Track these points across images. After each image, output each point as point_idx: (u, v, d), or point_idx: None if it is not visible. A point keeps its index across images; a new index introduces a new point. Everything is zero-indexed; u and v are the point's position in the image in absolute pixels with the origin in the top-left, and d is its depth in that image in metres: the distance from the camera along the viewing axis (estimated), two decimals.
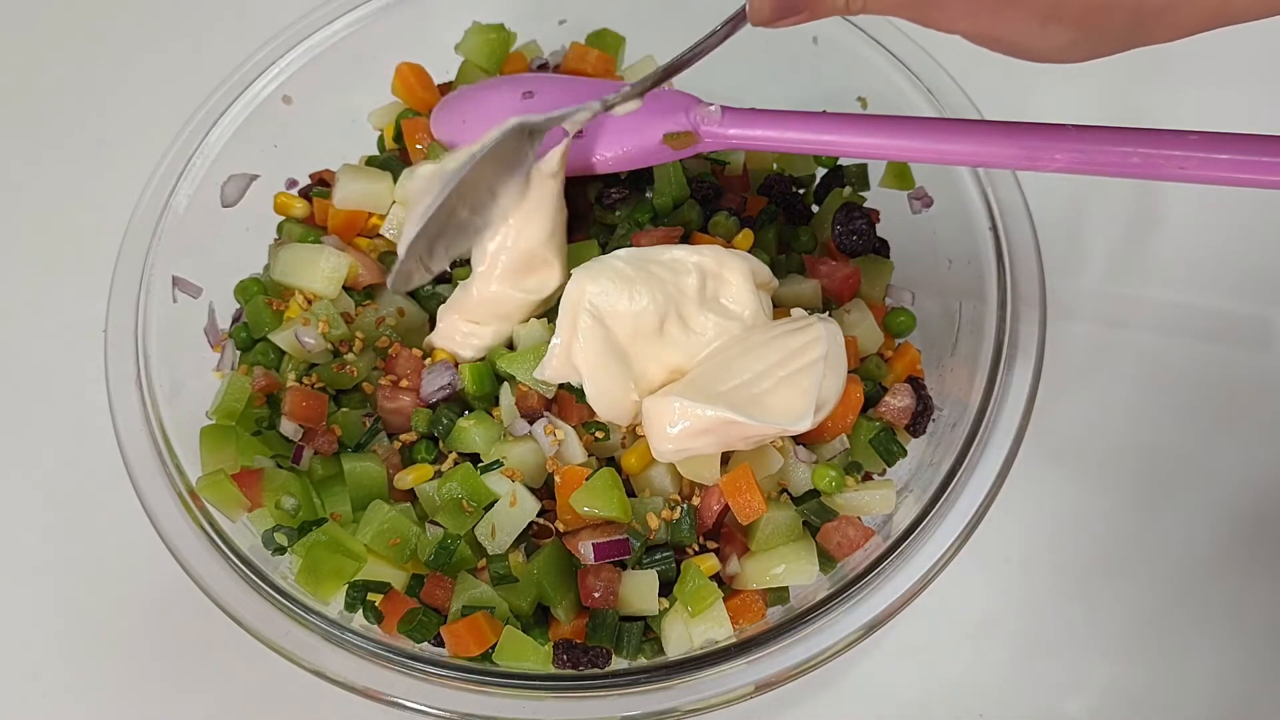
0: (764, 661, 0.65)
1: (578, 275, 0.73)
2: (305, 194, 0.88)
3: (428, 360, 0.78)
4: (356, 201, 0.84)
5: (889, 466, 0.76)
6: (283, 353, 0.78)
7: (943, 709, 0.84)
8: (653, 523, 0.71)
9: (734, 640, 0.68)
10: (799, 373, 0.70)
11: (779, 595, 0.73)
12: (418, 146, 0.84)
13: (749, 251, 0.79)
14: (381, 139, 0.91)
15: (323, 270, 0.79)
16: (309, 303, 0.80)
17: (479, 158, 0.69)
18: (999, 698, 0.84)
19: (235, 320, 0.83)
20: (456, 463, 0.75)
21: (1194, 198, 0.95)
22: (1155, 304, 1.00)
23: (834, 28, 0.87)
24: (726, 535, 0.74)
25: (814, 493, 0.74)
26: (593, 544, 0.70)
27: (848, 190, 0.88)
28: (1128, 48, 0.54)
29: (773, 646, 0.66)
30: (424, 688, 0.65)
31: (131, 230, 0.80)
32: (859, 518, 0.73)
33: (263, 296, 0.80)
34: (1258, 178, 0.61)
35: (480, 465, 0.73)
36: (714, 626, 0.69)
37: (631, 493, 0.74)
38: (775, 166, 0.91)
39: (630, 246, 0.78)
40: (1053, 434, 0.89)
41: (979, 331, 0.76)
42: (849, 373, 0.74)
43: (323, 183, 0.88)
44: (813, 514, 0.73)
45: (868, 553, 0.71)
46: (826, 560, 0.72)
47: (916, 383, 0.80)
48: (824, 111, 0.73)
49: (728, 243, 0.81)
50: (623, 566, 0.71)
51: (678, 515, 0.72)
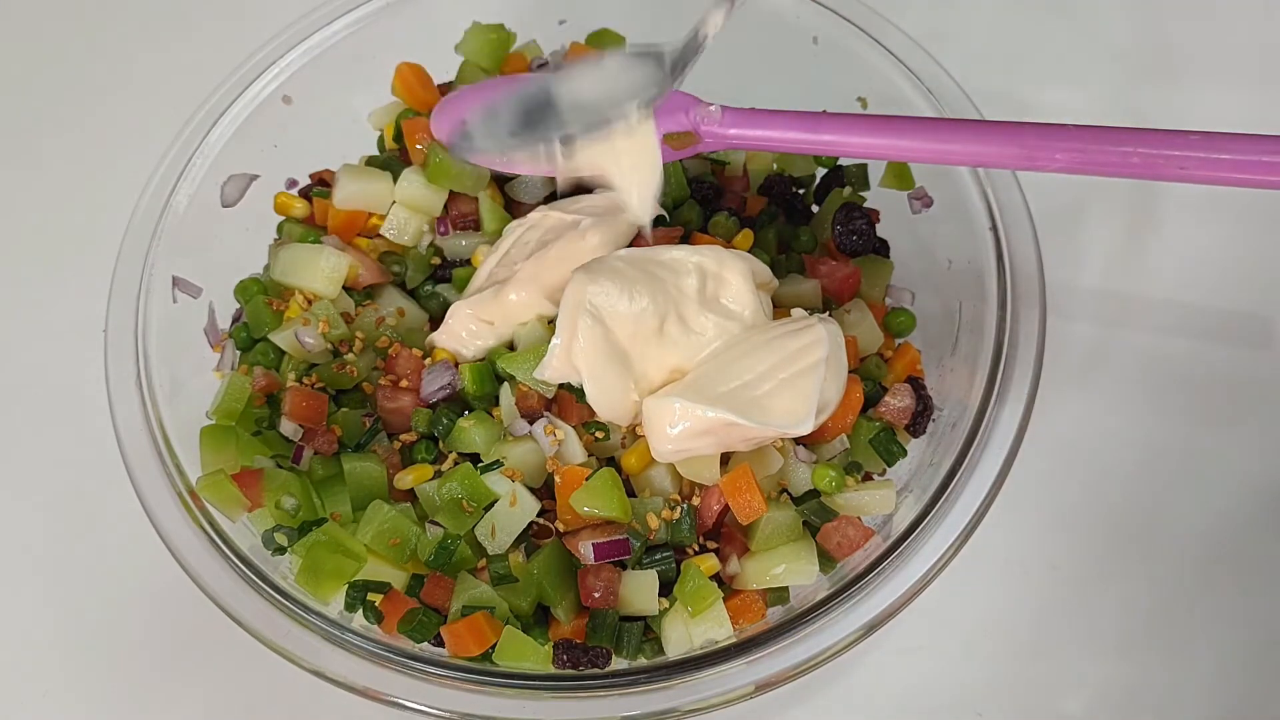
0: (764, 661, 0.65)
1: (578, 276, 0.73)
2: (305, 194, 0.88)
3: (428, 360, 0.78)
4: (356, 201, 0.84)
5: (889, 466, 0.76)
6: (283, 353, 0.78)
7: (943, 709, 0.84)
8: (653, 523, 0.71)
9: (734, 640, 0.68)
10: (800, 375, 0.70)
11: (779, 595, 0.73)
12: (418, 146, 0.84)
13: (749, 251, 0.79)
14: (381, 139, 0.91)
15: (323, 270, 0.79)
16: (309, 303, 0.80)
17: (612, 57, 0.67)
18: (999, 698, 0.84)
19: (235, 320, 0.83)
20: (456, 463, 0.75)
21: (1194, 198, 0.95)
22: (1155, 304, 0.99)
23: (834, 28, 0.87)
24: (726, 535, 0.74)
25: (814, 493, 0.74)
26: (593, 544, 0.70)
27: (848, 190, 0.88)
28: None
29: (773, 646, 0.66)
30: (424, 688, 0.65)
31: (131, 230, 0.80)
32: (859, 518, 0.73)
33: (263, 296, 0.80)
34: (1258, 178, 0.61)
35: (480, 465, 0.73)
36: (714, 626, 0.69)
37: (631, 493, 0.74)
38: (775, 166, 0.91)
39: (630, 247, 0.78)
40: (1052, 434, 0.88)
41: (979, 331, 0.76)
42: (849, 373, 0.74)
43: (323, 183, 0.88)
44: (813, 514, 0.73)
45: (868, 553, 0.71)
46: (826, 560, 0.72)
47: (916, 383, 0.79)
48: (824, 111, 0.73)
49: (728, 243, 0.81)
50: (623, 566, 0.71)
51: (678, 515, 0.72)
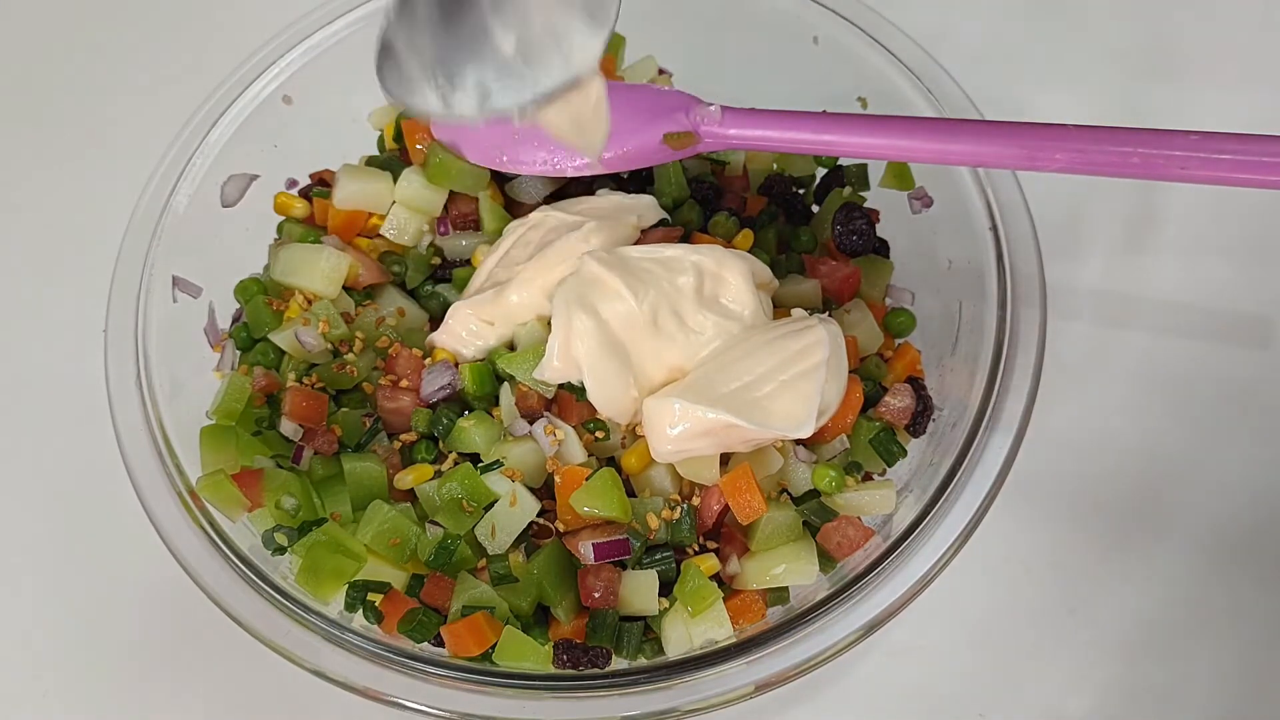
0: (764, 661, 0.65)
1: (569, 272, 0.73)
2: (305, 194, 0.88)
3: (428, 360, 0.78)
4: (356, 201, 0.84)
5: (889, 466, 0.76)
6: (283, 353, 0.78)
7: (943, 709, 0.84)
8: (653, 523, 0.71)
9: (734, 640, 0.68)
10: (800, 377, 0.70)
11: (779, 595, 0.73)
12: (418, 146, 0.84)
13: (749, 251, 0.79)
14: (381, 139, 0.91)
15: (323, 270, 0.79)
16: (309, 303, 0.80)
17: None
18: (999, 698, 0.84)
19: (235, 320, 0.83)
20: (456, 463, 0.75)
21: (1194, 198, 0.95)
22: (1155, 304, 0.99)
23: (834, 28, 0.87)
24: (726, 535, 0.74)
25: (814, 493, 0.74)
26: (593, 544, 0.70)
27: (848, 190, 0.88)
28: None
29: (773, 646, 0.66)
30: (424, 688, 0.65)
31: (131, 230, 0.80)
32: (859, 518, 0.73)
33: (263, 296, 0.80)
34: (1258, 178, 0.61)
35: (480, 465, 0.73)
36: (714, 626, 0.69)
37: (631, 493, 0.74)
38: (775, 166, 0.91)
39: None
40: (1052, 433, 0.88)
41: (979, 331, 0.76)
42: (849, 373, 0.74)
43: (323, 183, 0.88)
44: (813, 514, 0.73)
45: (868, 553, 0.70)
46: (826, 560, 0.72)
47: (916, 383, 0.79)
48: (824, 111, 0.73)
49: (728, 243, 0.81)
50: (623, 566, 0.71)
51: (678, 515, 0.72)
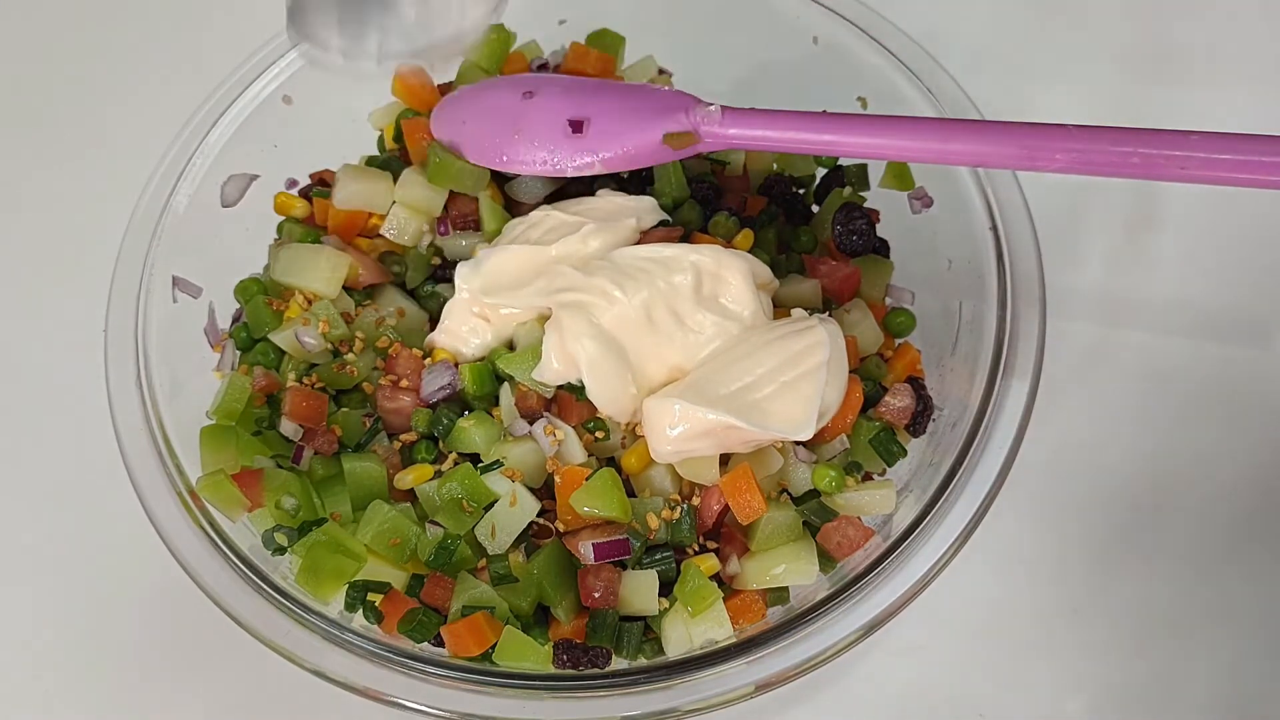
0: (764, 661, 0.65)
1: (564, 271, 0.74)
2: (305, 194, 0.88)
3: (428, 360, 0.78)
4: (356, 201, 0.84)
5: (889, 466, 0.76)
6: (283, 353, 0.78)
7: (943, 709, 0.84)
8: (653, 523, 0.71)
9: (734, 640, 0.68)
10: (801, 379, 0.70)
11: (779, 595, 0.73)
12: (418, 147, 0.84)
13: (749, 251, 0.79)
14: (381, 139, 0.91)
15: (323, 270, 0.79)
16: (309, 303, 0.80)
17: None
18: (999, 698, 0.84)
19: (235, 320, 0.83)
20: (456, 463, 0.75)
21: (1194, 198, 0.95)
22: (1155, 304, 0.99)
23: (834, 27, 0.87)
24: (726, 535, 0.74)
25: (814, 493, 0.74)
26: (593, 544, 0.70)
27: (848, 190, 0.88)
28: None
29: (773, 646, 0.66)
30: (424, 688, 0.65)
31: (131, 230, 0.80)
32: (859, 518, 0.73)
33: (263, 296, 0.80)
34: (1258, 178, 0.61)
35: (480, 465, 0.73)
36: (714, 626, 0.69)
37: (631, 493, 0.74)
38: (775, 166, 0.91)
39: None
40: (1053, 434, 0.88)
41: (979, 331, 0.76)
42: (849, 373, 0.74)
43: (323, 183, 0.88)
44: (813, 514, 0.73)
45: (868, 553, 0.70)
46: (826, 560, 0.72)
47: (916, 383, 0.79)
48: (824, 111, 0.73)
49: (728, 243, 0.81)
50: (623, 566, 0.71)
51: (678, 515, 0.72)
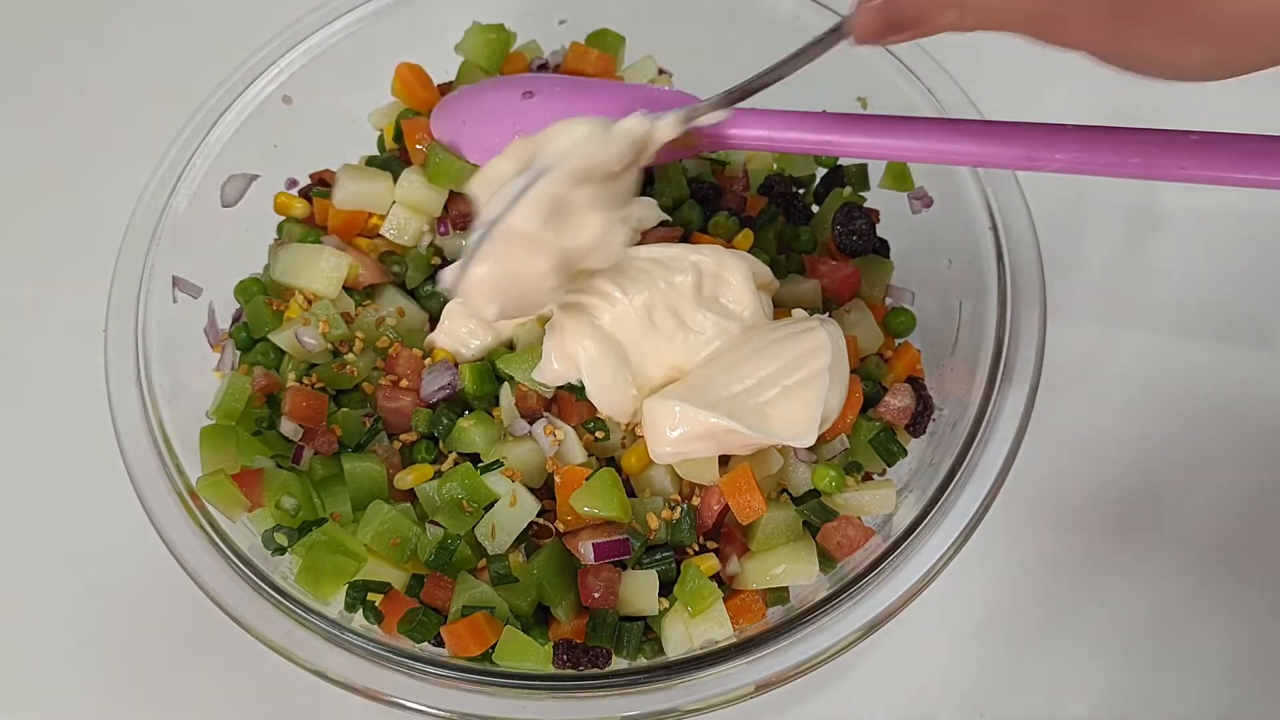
0: (764, 661, 0.65)
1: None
2: (305, 194, 0.88)
3: (428, 360, 0.78)
4: (356, 201, 0.84)
5: (889, 466, 0.76)
6: (283, 353, 0.78)
7: (943, 709, 0.84)
8: (653, 523, 0.71)
9: (734, 640, 0.68)
10: (803, 384, 0.70)
11: (779, 595, 0.73)
12: (418, 147, 0.84)
13: (749, 252, 0.79)
14: (381, 139, 0.91)
15: (323, 270, 0.79)
16: (309, 303, 0.80)
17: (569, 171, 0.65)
18: (999, 698, 0.84)
19: (235, 320, 0.83)
20: (456, 463, 0.75)
21: (1194, 198, 0.95)
22: (1155, 304, 0.99)
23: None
24: (726, 535, 0.74)
25: (814, 493, 0.74)
26: (593, 544, 0.70)
27: (848, 190, 0.88)
28: (1271, 65, 0.50)
29: (773, 646, 0.66)
30: (424, 688, 0.65)
31: (131, 230, 0.80)
32: (859, 518, 0.73)
33: (263, 296, 0.80)
34: (1258, 178, 0.61)
35: (480, 465, 0.73)
36: (714, 626, 0.69)
37: (631, 493, 0.74)
38: (775, 166, 0.91)
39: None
40: (1052, 433, 0.88)
41: (979, 331, 0.76)
42: (849, 373, 0.74)
43: (323, 183, 0.88)
44: (813, 514, 0.73)
45: (868, 553, 0.70)
46: (826, 560, 0.72)
47: (916, 383, 0.79)
48: (824, 111, 0.73)
49: (728, 243, 0.81)
50: (623, 566, 0.71)
51: (678, 515, 0.72)
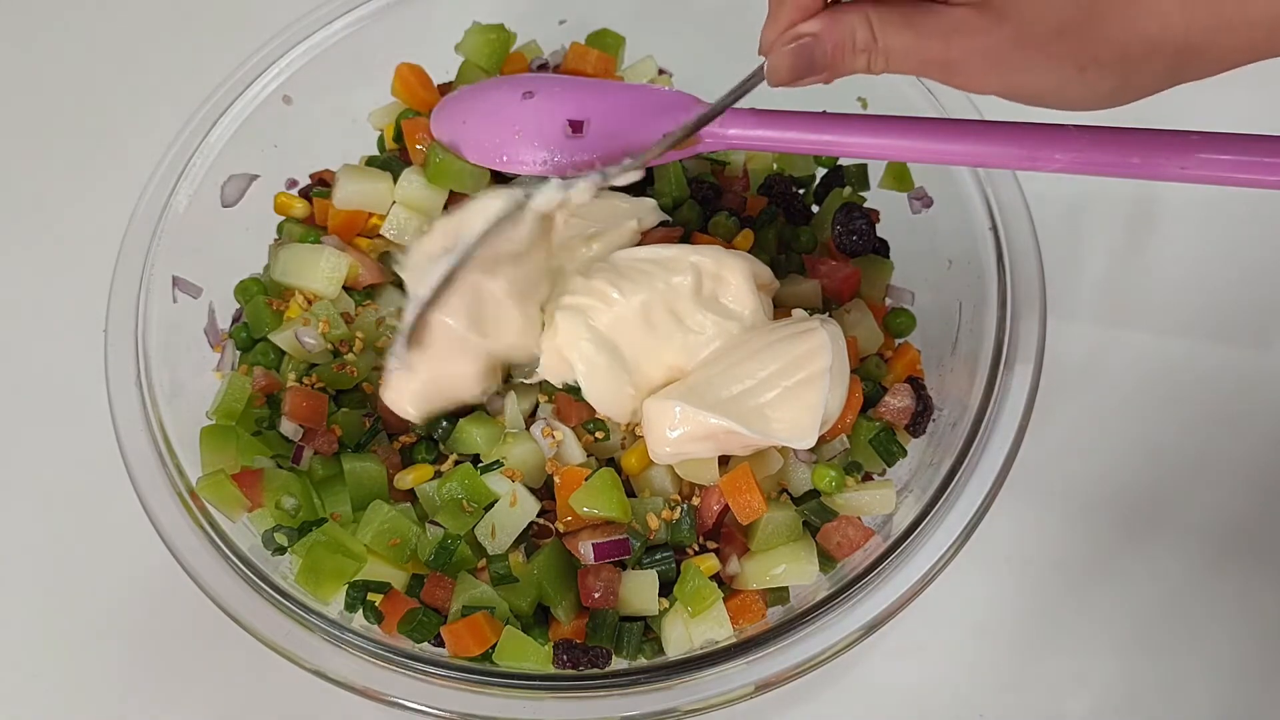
0: (764, 661, 0.65)
1: (559, 272, 0.74)
2: (305, 194, 0.88)
3: None
4: (356, 201, 0.84)
5: (889, 466, 0.76)
6: (283, 353, 0.78)
7: (943, 709, 0.84)
8: (653, 523, 0.71)
9: (734, 640, 0.68)
10: (803, 385, 0.70)
11: (779, 595, 0.73)
12: (418, 147, 0.84)
13: (749, 252, 0.79)
14: (381, 139, 0.91)
15: (323, 270, 0.79)
16: (309, 303, 0.80)
17: (470, 250, 0.67)
18: (999, 698, 0.84)
19: (235, 320, 0.83)
20: (456, 463, 0.75)
21: (1194, 198, 0.95)
22: (1155, 304, 0.99)
23: None
24: (726, 535, 0.74)
25: (814, 493, 0.74)
26: (593, 544, 0.70)
27: (848, 190, 0.88)
28: (1169, 86, 0.54)
29: (773, 646, 0.66)
30: (424, 688, 0.65)
31: (131, 230, 0.80)
32: (859, 518, 0.73)
33: (263, 296, 0.80)
34: (1258, 178, 0.61)
35: (480, 465, 0.73)
36: (714, 626, 0.69)
37: (631, 493, 0.74)
38: (775, 166, 0.91)
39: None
40: (1052, 434, 0.88)
41: (979, 331, 0.76)
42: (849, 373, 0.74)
43: (323, 183, 0.88)
44: (813, 514, 0.73)
45: (868, 553, 0.70)
46: (826, 560, 0.72)
47: (916, 383, 0.79)
48: (824, 111, 0.73)
49: (728, 243, 0.81)
50: (623, 566, 0.71)
51: (678, 515, 0.72)
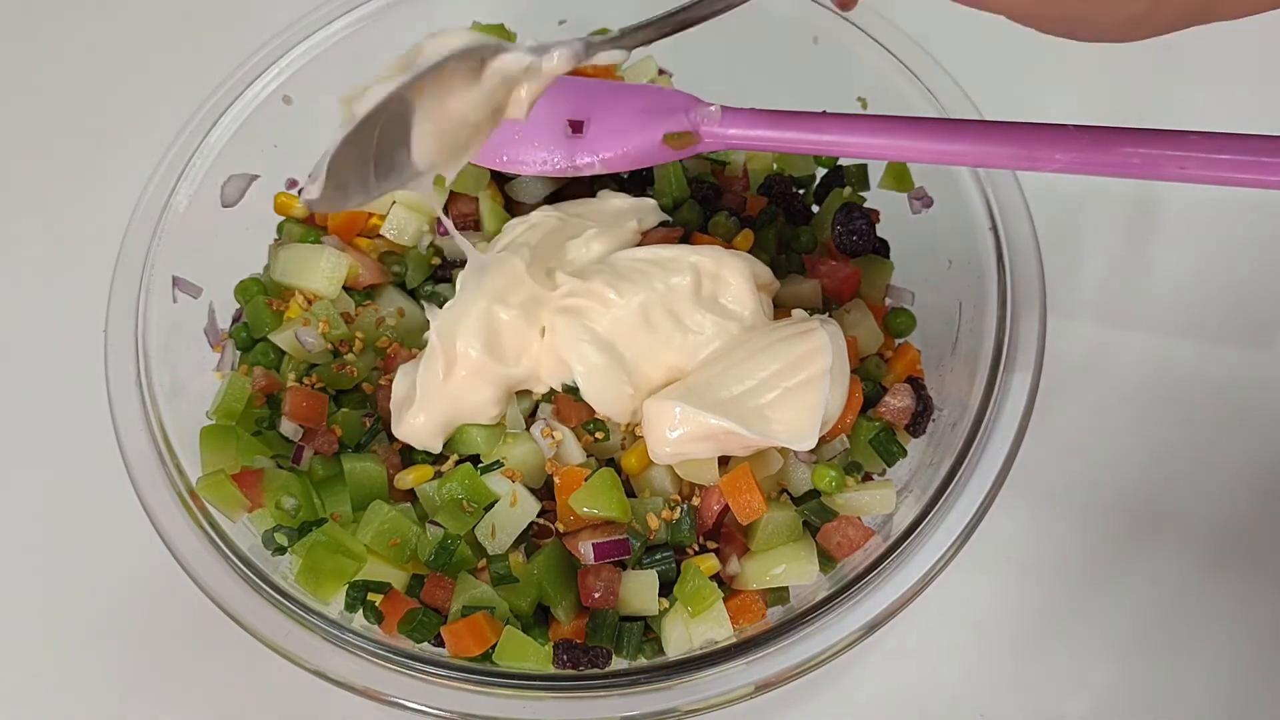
0: (764, 661, 0.65)
1: (557, 273, 0.74)
2: None
3: None
4: None
5: (889, 466, 0.76)
6: (283, 353, 0.78)
7: (943, 709, 0.84)
8: (653, 523, 0.71)
9: (734, 640, 0.68)
10: (804, 386, 0.70)
11: (779, 595, 0.73)
12: None
13: (749, 252, 0.79)
14: None
15: (323, 270, 0.79)
16: (309, 303, 0.80)
17: (418, 79, 0.60)
18: (999, 698, 0.84)
19: (235, 320, 0.83)
20: (457, 463, 0.75)
21: (1194, 198, 0.95)
22: (1155, 304, 0.99)
23: (834, 27, 0.87)
24: (726, 535, 0.74)
25: (814, 493, 0.74)
26: (593, 544, 0.70)
27: (848, 190, 0.88)
28: (1196, 23, 0.52)
29: (773, 646, 0.66)
30: (424, 688, 0.65)
31: (131, 230, 0.80)
32: (859, 518, 0.73)
33: (263, 296, 0.80)
34: (1258, 178, 0.61)
35: (481, 466, 0.73)
36: (714, 626, 0.69)
37: (631, 493, 0.74)
38: (775, 166, 0.91)
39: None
40: (1052, 434, 0.88)
41: (979, 332, 0.76)
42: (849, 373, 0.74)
43: None
44: (813, 514, 0.73)
45: (868, 553, 0.70)
46: (826, 560, 0.72)
47: (916, 383, 0.79)
48: (824, 111, 0.73)
49: (728, 243, 0.81)
50: (623, 566, 0.71)
51: (678, 515, 0.72)
